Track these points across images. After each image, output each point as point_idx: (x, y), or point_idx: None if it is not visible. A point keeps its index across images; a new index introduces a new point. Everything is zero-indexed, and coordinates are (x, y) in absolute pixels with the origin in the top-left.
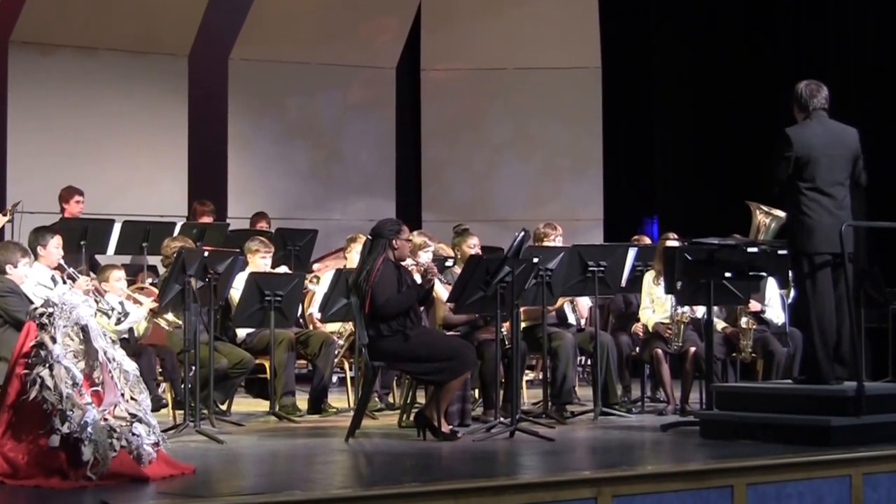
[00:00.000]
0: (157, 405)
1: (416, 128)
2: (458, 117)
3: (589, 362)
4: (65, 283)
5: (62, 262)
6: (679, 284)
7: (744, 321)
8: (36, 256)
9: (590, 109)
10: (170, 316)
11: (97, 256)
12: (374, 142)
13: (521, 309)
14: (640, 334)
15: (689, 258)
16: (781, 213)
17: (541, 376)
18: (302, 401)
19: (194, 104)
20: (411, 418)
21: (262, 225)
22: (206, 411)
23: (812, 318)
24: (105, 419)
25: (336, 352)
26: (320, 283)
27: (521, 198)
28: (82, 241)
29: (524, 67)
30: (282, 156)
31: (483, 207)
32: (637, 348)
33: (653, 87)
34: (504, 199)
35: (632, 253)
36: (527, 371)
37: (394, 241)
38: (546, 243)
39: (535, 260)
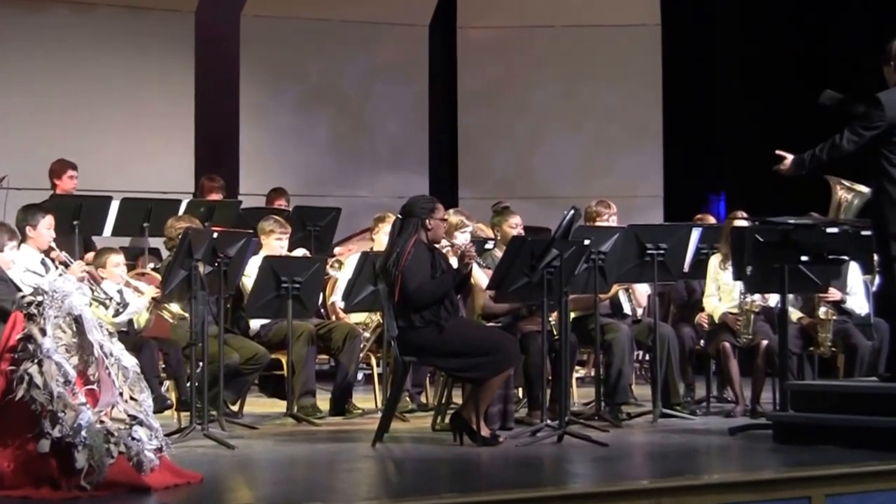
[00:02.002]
0: (161, 406)
1: (452, 93)
2: (499, 81)
3: (647, 357)
4: (56, 268)
5: (53, 244)
6: (749, 270)
7: (822, 311)
8: (24, 238)
9: (648, 72)
10: (174, 306)
11: (93, 238)
12: (404, 109)
13: (571, 297)
14: (705, 326)
15: (761, 240)
16: (865, 189)
17: (593, 373)
18: (323, 401)
19: (202, 67)
20: (446, 420)
21: (280, 203)
22: (214, 413)
23: None
24: (101, 421)
25: (362, 346)
26: (344, 268)
27: (570, 172)
28: (76, 221)
29: (573, 25)
30: (301, 125)
31: (527, 183)
32: (701, 341)
33: (719, 47)
34: (550, 174)
35: (695, 234)
36: (577, 367)
37: (427, 221)
38: (599, 223)
39: (587, 242)
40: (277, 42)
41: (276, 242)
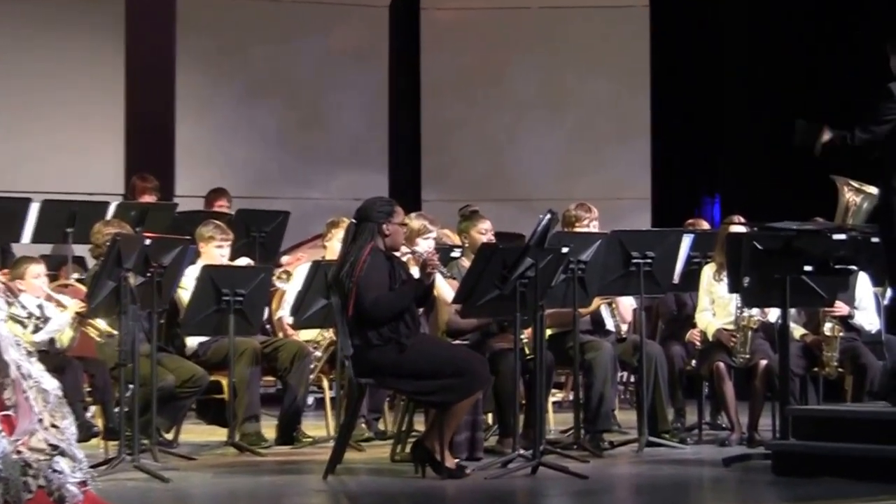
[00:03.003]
0: (87, 433)
1: (416, 82)
2: (468, 69)
3: (632, 379)
4: None
5: None
6: (746, 281)
7: (828, 327)
8: None
9: (635, 59)
10: (101, 322)
11: (10, 246)
12: (362, 100)
13: (547, 312)
14: (698, 344)
15: (759, 248)
16: (876, 191)
17: (571, 397)
18: (269, 428)
19: (134, 54)
20: (407, 450)
21: (220, 205)
22: (146, 441)
23: None
24: (18, 451)
25: (312, 366)
26: (292, 279)
27: (547, 171)
28: None
29: (552, 6)
30: (245, 118)
31: (498, 183)
32: (693, 361)
33: (716, 31)
34: (525, 173)
35: (687, 241)
36: (554, 390)
37: (384, 226)
38: (579, 229)
39: (565, 250)
40: (219, 24)
41: (216, 250)
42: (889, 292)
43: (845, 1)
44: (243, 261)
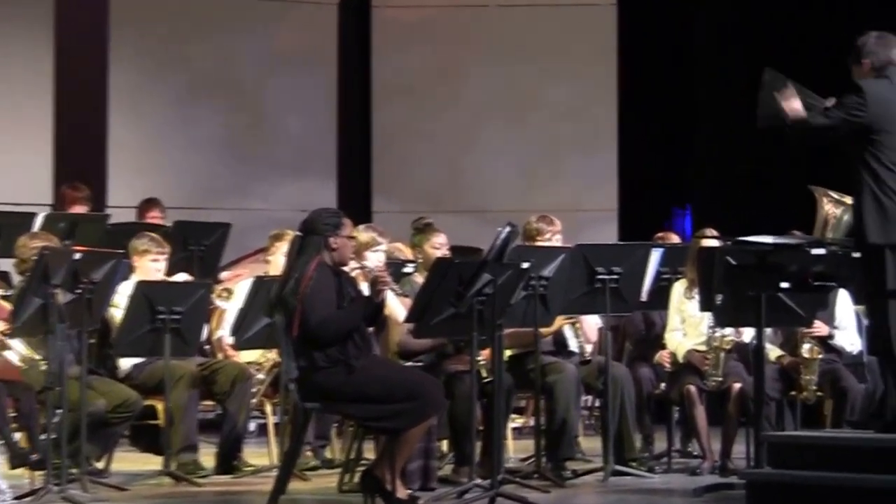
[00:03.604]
0: (22, 461)
1: (366, 85)
2: (422, 71)
3: (598, 403)
4: None
5: None
6: (719, 298)
7: (806, 348)
8: None
9: (601, 60)
10: (20, 345)
11: None
12: (308, 104)
13: (506, 331)
14: (667, 366)
15: (733, 263)
16: (849, 199)
17: (532, 423)
18: (208, 456)
19: (63, 52)
20: (356, 479)
21: (153, 216)
22: (75, 470)
23: (892, 335)
24: None
25: (254, 390)
26: (233, 296)
27: (508, 180)
28: None
29: (511, 4)
30: (183, 122)
31: (455, 194)
32: (662, 385)
33: (688, 32)
34: (484, 183)
35: (656, 256)
36: (513, 416)
37: (331, 239)
38: (541, 242)
39: (526, 265)
40: (156, 19)
41: (151, 264)
42: None
43: (822, 4)
44: (181, 276)
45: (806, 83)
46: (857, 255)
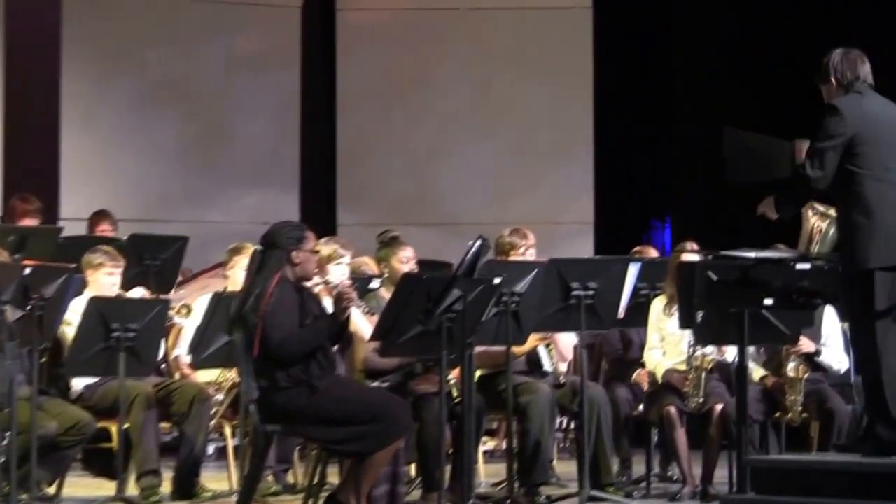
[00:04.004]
0: None
1: (331, 92)
2: (390, 77)
3: (573, 426)
4: None
5: None
6: (700, 316)
7: (791, 367)
8: None
9: (577, 66)
10: None
11: None
12: (270, 111)
13: (477, 350)
14: (645, 386)
15: (714, 278)
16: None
17: (504, 446)
18: (164, 480)
19: (12, 55)
20: None
21: (102, 229)
22: (25, 496)
23: (882, 361)
24: None
25: (213, 411)
26: (191, 313)
27: (478, 191)
28: None
29: (483, 7)
30: (138, 130)
31: (423, 205)
32: (641, 406)
33: (668, 35)
34: (453, 194)
35: (633, 270)
36: (484, 438)
37: (293, 254)
38: (514, 257)
39: (497, 280)
40: (110, 24)
41: (106, 279)
42: None
43: (801, 10)
44: (138, 291)
45: (785, 87)
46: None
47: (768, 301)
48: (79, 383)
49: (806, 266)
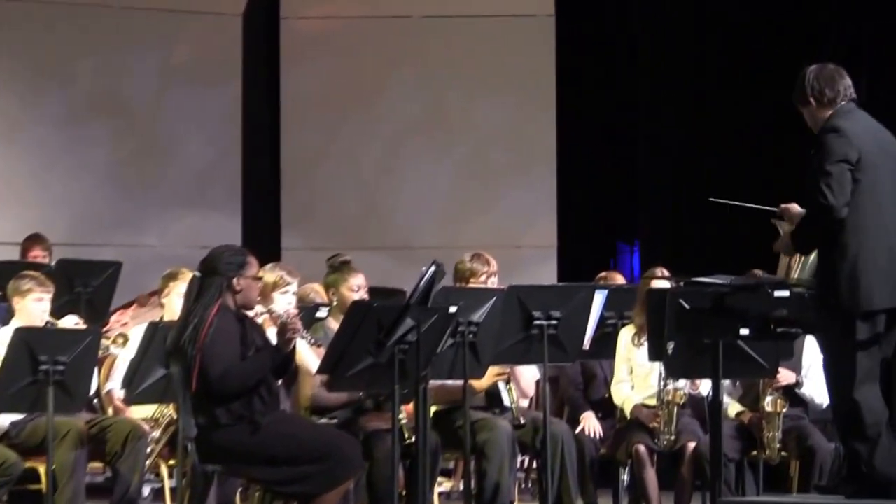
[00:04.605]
0: None
1: (274, 106)
2: (338, 90)
3: (535, 465)
4: None
5: None
6: (671, 347)
7: (769, 402)
8: None
9: (538, 79)
10: None
11: None
12: (209, 126)
13: (431, 384)
14: (590, 432)
15: (686, 307)
16: None
17: (461, 486)
18: None
19: None
20: None
21: (34, 255)
22: None
23: (860, 404)
24: None
25: (149, 450)
26: (128, 342)
27: (432, 213)
28: None
29: (437, 15)
30: (67, 148)
31: (374, 228)
32: (607, 444)
33: (633, 46)
34: (406, 215)
35: (599, 298)
36: (440, 479)
37: (235, 281)
38: (472, 284)
39: (453, 309)
40: (36, 33)
41: (34, 305)
42: None
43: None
44: (70, 320)
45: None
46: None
47: (744, 331)
48: (4, 420)
49: (785, 293)
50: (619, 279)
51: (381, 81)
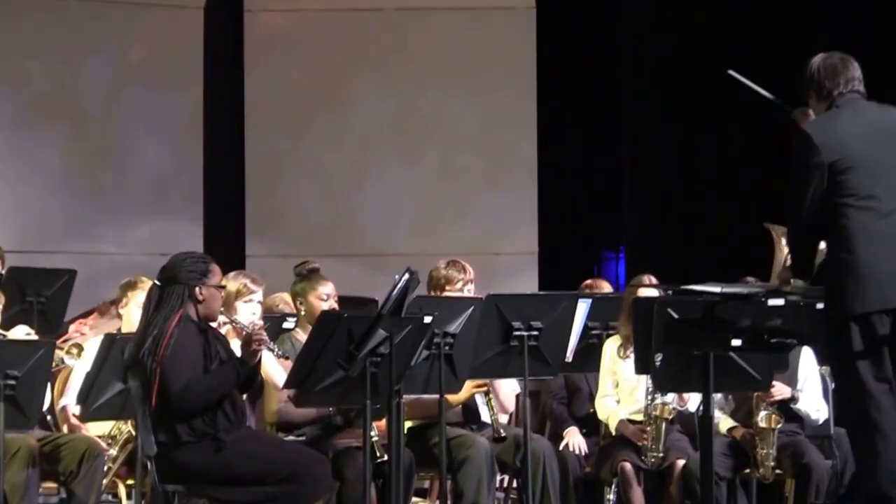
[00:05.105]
0: None
1: (238, 106)
2: (306, 88)
3: (515, 484)
4: None
5: None
6: (659, 358)
7: (763, 417)
8: None
9: (518, 75)
10: None
11: None
12: (169, 128)
13: (405, 399)
14: (574, 448)
15: (675, 316)
16: (822, 245)
17: None
18: None
19: None
20: None
21: None
22: None
23: (871, 416)
24: None
25: (105, 468)
26: (83, 353)
27: (406, 218)
28: None
29: (412, 7)
30: (17, 151)
31: (343, 234)
32: (592, 461)
33: (620, 41)
34: (378, 221)
35: (583, 308)
36: (415, 499)
37: (197, 290)
38: (448, 292)
39: (428, 319)
40: None
41: None
42: None
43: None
44: (21, 331)
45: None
46: (821, 306)
47: (736, 342)
48: None
49: (779, 302)
50: (606, 287)
51: (351, 80)
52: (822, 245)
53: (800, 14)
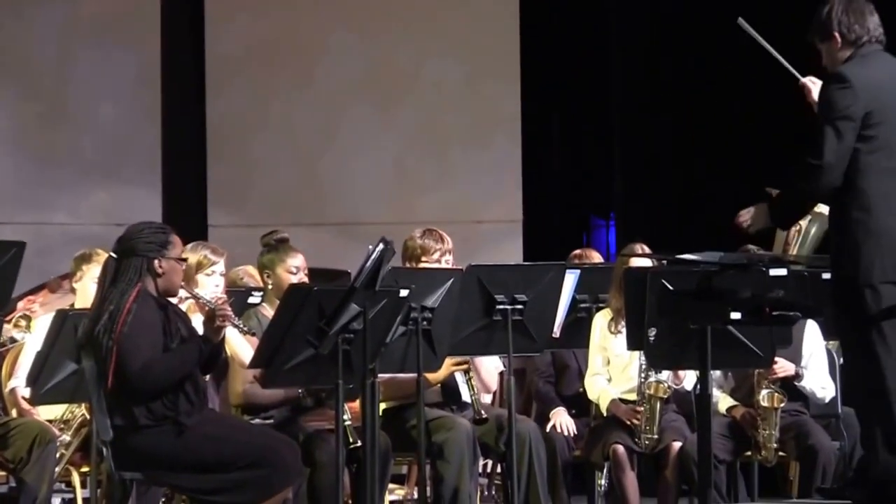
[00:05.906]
0: None
1: (199, 65)
2: (272, 47)
3: (499, 468)
4: None
5: None
6: (652, 333)
7: (765, 395)
8: None
9: (500, 34)
10: None
11: None
12: (125, 90)
13: (381, 379)
14: (561, 430)
15: (670, 288)
16: (827, 210)
17: (416, 494)
18: None
19: None
20: None
21: None
22: None
23: (889, 391)
24: None
25: (58, 455)
26: (32, 325)
27: (379, 185)
28: None
29: None
30: None
31: (312, 202)
32: (581, 444)
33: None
34: (349, 188)
35: (571, 279)
36: (392, 486)
37: (157, 262)
38: (425, 263)
39: (404, 293)
40: None
41: None
42: None
43: None
44: None
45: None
46: (827, 276)
47: (736, 315)
48: None
49: (782, 272)
50: (596, 257)
51: (318, 34)
52: (825, 209)
53: None
